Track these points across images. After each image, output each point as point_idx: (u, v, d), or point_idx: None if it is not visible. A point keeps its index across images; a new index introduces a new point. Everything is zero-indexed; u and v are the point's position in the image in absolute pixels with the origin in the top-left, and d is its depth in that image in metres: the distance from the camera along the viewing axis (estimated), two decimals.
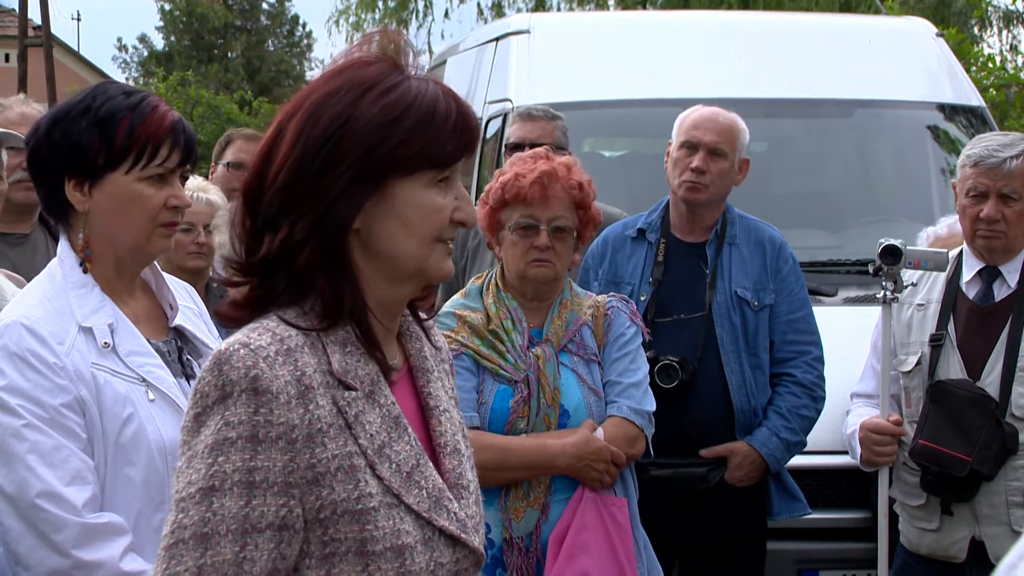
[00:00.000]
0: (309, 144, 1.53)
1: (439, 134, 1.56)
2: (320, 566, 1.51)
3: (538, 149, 3.20)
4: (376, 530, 1.51)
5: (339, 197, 1.53)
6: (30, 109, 3.44)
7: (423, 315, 1.73)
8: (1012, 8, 12.05)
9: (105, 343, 2.07)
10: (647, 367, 3.12)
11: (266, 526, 1.46)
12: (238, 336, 1.52)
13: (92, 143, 2.09)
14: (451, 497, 1.60)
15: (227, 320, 1.61)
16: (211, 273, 3.83)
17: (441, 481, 1.60)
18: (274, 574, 1.48)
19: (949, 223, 4.03)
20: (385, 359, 1.60)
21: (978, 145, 3.35)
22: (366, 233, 1.56)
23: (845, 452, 3.68)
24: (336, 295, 1.55)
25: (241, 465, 1.46)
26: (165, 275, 2.30)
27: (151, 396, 2.08)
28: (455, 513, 1.59)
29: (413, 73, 1.60)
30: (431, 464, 1.60)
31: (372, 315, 1.58)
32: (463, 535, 1.58)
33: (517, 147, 3.98)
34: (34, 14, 23.76)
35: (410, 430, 1.59)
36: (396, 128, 1.54)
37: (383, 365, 1.59)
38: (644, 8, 17.02)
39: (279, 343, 1.50)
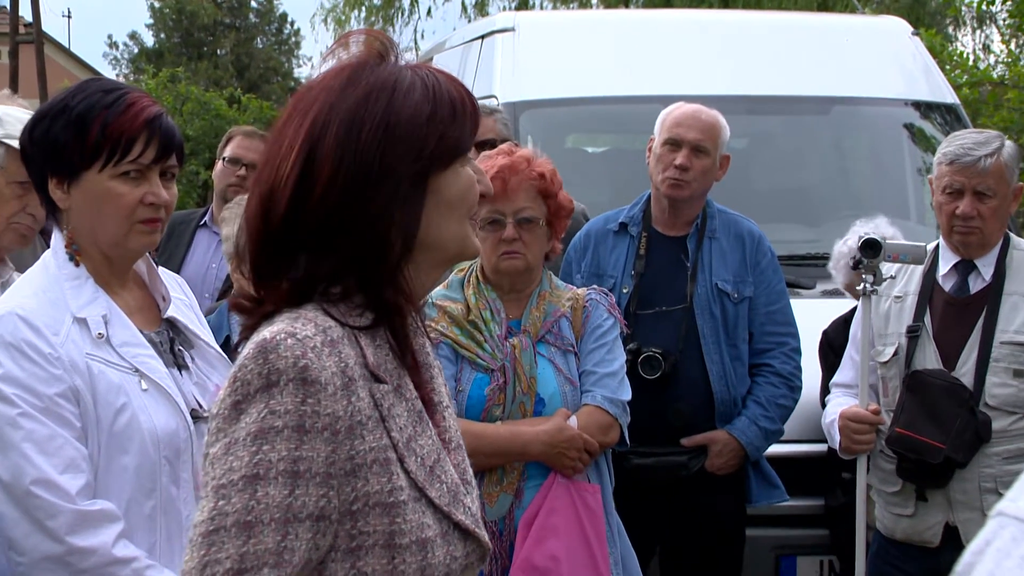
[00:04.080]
0: (358, 158, 1.48)
1: (463, 122, 1.54)
2: (346, 559, 1.48)
3: (503, 145, 3.19)
4: (404, 523, 1.48)
5: (401, 206, 1.50)
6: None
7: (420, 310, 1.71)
8: (985, 9, 12.10)
9: (99, 334, 2.06)
10: (624, 358, 3.12)
11: (306, 516, 1.43)
12: (282, 325, 1.47)
13: (69, 141, 2.07)
14: (465, 492, 1.59)
15: (245, 314, 1.56)
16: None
17: (456, 476, 1.58)
18: (307, 565, 1.44)
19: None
20: (414, 355, 1.58)
21: (954, 143, 3.35)
22: (421, 230, 1.53)
23: (823, 440, 3.70)
24: (397, 295, 1.53)
25: (287, 455, 1.42)
26: (160, 268, 2.29)
27: (144, 386, 2.07)
28: (469, 508, 1.57)
29: (408, 62, 1.58)
30: (448, 459, 1.59)
31: (408, 312, 1.56)
32: (476, 529, 1.57)
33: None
34: (25, 11, 23.64)
35: (430, 424, 1.57)
36: (432, 126, 1.51)
37: (407, 361, 1.57)
38: (627, 7, 17.02)
39: (323, 334, 1.46)
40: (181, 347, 2.21)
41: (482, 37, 6.11)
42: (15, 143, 2.54)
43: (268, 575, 1.41)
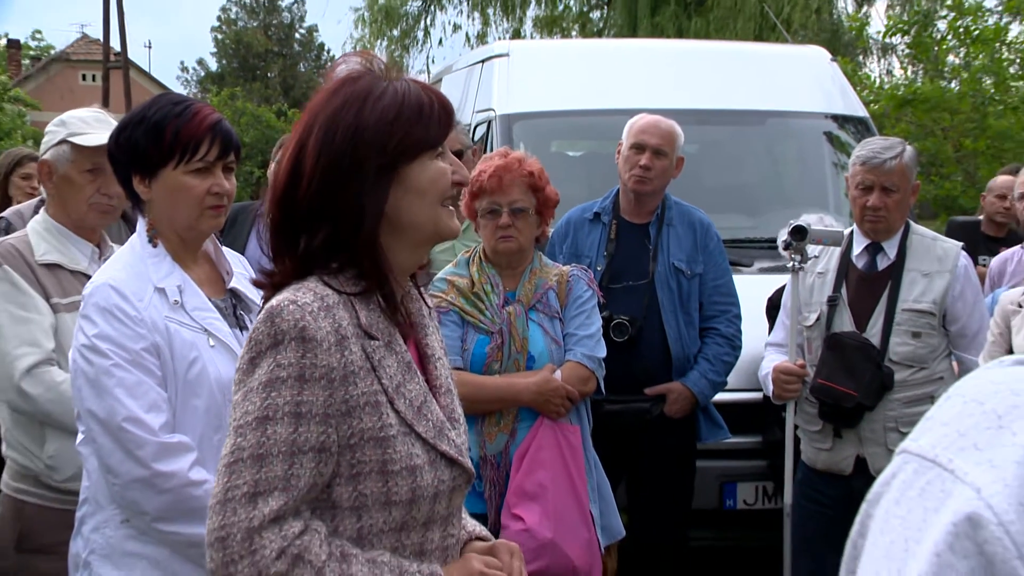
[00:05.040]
0: (332, 155, 1.48)
1: (429, 121, 1.52)
2: (348, 483, 1.48)
3: (500, 148, 3.19)
4: (395, 453, 1.48)
5: (370, 191, 1.49)
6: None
7: (417, 280, 1.70)
8: (887, 42, 12.18)
9: (175, 300, 2.05)
10: (600, 322, 3.11)
11: (309, 449, 1.43)
12: (286, 294, 1.47)
13: (148, 145, 2.06)
14: (451, 427, 1.58)
15: (261, 288, 1.58)
16: None
17: (441, 415, 1.57)
18: (312, 488, 1.45)
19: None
20: (403, 317, 1.57)
21: (865, 148, 3.35)
22: (392, 213, 1.53)
23: (759, 390, 3.68)
24: (375, 267, 1.52)
25: (290, 399, 1.42)
26: (224, 248, 2.28)
27: (211, 343, 2.05)
28: (453, 440, 1.57)
29: (392, 77, 1.56)
30: (435, 401, 1.58)
31: (394, 281, 1.55)
32: (460, 458, 1.57)
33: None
34: (114, 43, 23.61)
35: (418, 373, 1.56)
36: (396, 125, 1.50)
37: (398, 321, 1.56)
38: (600, 37, 16.93)
39: (320, 300, 1.46)
40: (242, 312, 2.19)
41: (482, 61, 6.06)
42: (79, 140, 2.52)
43: (278, 497, 1.42)
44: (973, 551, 0.67)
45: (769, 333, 3.77)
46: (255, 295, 2.23)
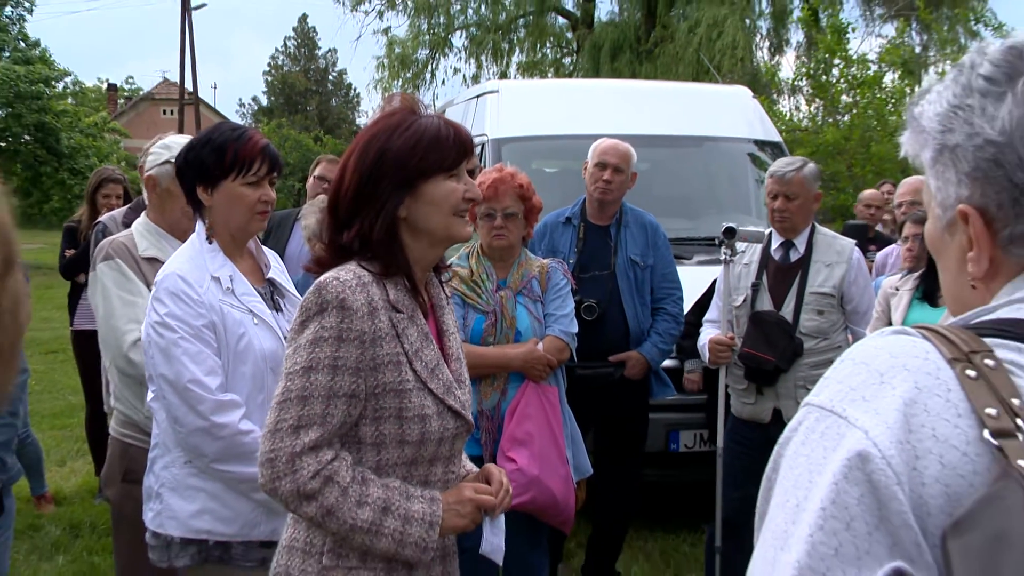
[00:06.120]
0: (363, 172, 1.52)
1: (444, 149, 1.54)
2: (371, 424, 1.49)
3: (497, 164, 3.16)
4: (410, 403, 1.49)
5: (387, 200, 1.51)
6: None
7: (440, 275, 1.72)
8: (795, 85, 12.39)
9: (227, 287, 2.03)
10: (573, 304, 3.08)
11: (342, 395, 1.45)
12: (332, 273, 1.50)
13: (212, 162, 2.05)
14: (457, 387, 1.58)
15: (314, 271, 1.58)
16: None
17: (451, 376, 1.58)
18: (343, 426, 1.46)
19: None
20: (424, 297, 1.58)
21: (775, 165, 3.37)
22: (411, 220, 1.55)
23: (698, 357, 3.68)
24: (392, 257, 1.53)
25: (330, 354, 1.44)
26: (263, 246, 2.26)
27: (255, 321, 2.03)
28: (459, 397, 1.57)
29: (423, 113, 1.58)
30: (445, 365, 1.58)
31: (414, 270, 1.57)
32: (463, 411, 1.57)
33: None
34: (188, 84, 23.52)
35: (434, 342, 1.57)
36: (415, 151, 1.51)
37: (420, 301, 1.56)
38: (571, 77, 16.89)
39: (358, 278, 1.48)
40: (278, 297, 2.17)
41: (477, 96, 6.02)
42: None
43: (316, 430, 1.44)
44: (863, 480, 0.68)
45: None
46: (288, 284, 2.23)
